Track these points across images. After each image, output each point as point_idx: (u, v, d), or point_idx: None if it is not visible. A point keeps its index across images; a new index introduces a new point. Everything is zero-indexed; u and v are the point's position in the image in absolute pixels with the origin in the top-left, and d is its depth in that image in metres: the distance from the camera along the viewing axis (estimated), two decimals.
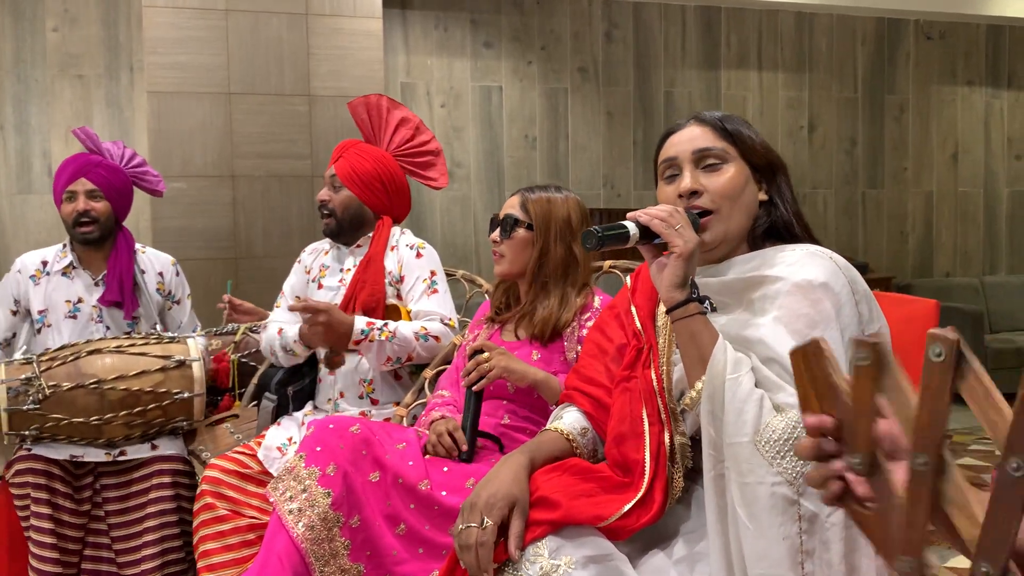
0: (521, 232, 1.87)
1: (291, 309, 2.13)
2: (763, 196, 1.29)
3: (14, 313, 2.42)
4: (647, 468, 1.24)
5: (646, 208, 1.23)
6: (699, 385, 1.19)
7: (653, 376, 1.31)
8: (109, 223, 2.40)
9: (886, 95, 5.71)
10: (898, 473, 0.68)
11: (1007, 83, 5.94)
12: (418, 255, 2.30)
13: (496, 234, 1.91)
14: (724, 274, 1.27)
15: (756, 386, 1.11)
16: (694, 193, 1.26)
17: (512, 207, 1.90)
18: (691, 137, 1.29)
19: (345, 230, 2.31)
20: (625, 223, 1.22)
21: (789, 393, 1.09)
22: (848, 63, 5.61)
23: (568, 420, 1.45)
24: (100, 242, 2.41)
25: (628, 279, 1.53)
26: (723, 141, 1.27)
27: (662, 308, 1.34)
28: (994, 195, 5.98)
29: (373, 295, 2.22)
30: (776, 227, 1.30)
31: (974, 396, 0.63)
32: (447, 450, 1.74)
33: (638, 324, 1.39)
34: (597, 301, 1.88)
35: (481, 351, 1.72)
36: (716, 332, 1.18)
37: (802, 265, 1.18)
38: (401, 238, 2.33)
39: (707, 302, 1.27)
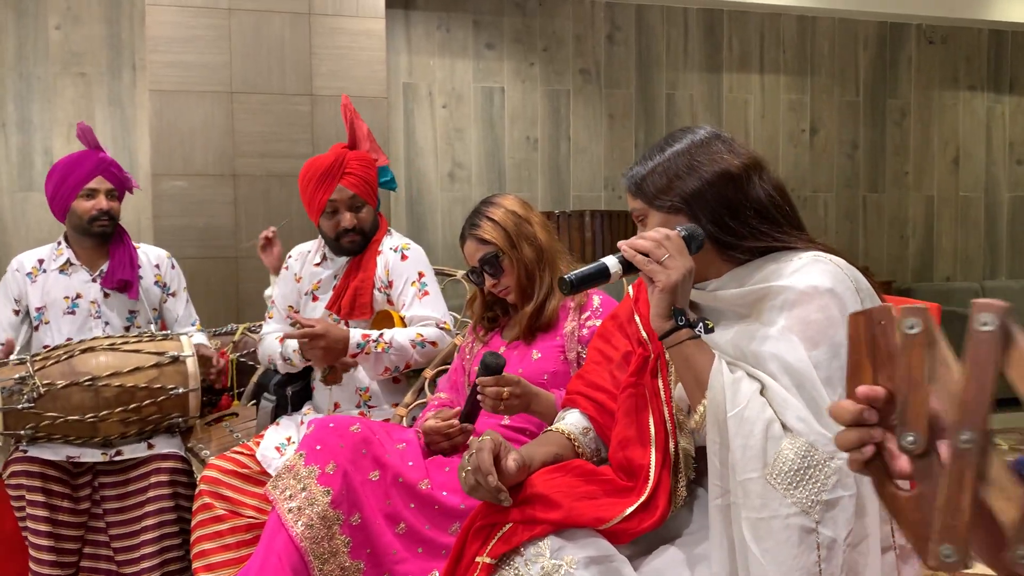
0: (504, 261, 1.86)
1: (288, 337, 2.15)
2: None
3: (16, 313, 2.43)
4: (651, 473, 1.24)
5: (635, 237, 1.23)
6: (701, 409, 1.19)
7: (661, 385, 1.31)
8: (116, 220, 2.48)
9: (888, 99, 5.70)
10: (943, 452, 0.65)
11: (1009, 88, 5.94)
12: (403, 257, 2.26)
13: (489, 282, 1.88)
14: (729, 287, 1.27)
15: (764, 409, 1.10)
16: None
17: (477, 250, 1.88)
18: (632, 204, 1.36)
19: (367, 243, 2.27)
20: (605, 260, 1.23)
21: (799, 412, 1.08)
22: (850, 67, 5.60)
23: (570, 420, 1.46)
24: (108, 237, 2.45)
25: (630, 288, 1.53)
26: (636, 200, 1.32)
27: None
28: (995, 200, 5.97)
29: (364, 281, 2.22)
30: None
31: (1020, 370, 0.59)
32: (446, 435, 1.76)
33: (644, 333, 1.39)
34: (596, 300, 1.88)
35: (500, 369, 1.62)
36: (711, 354, 1.19)
37: (806, 272, 1.18)
38: (385, 240, 2.30)
39: (700, 324, 1.25)
